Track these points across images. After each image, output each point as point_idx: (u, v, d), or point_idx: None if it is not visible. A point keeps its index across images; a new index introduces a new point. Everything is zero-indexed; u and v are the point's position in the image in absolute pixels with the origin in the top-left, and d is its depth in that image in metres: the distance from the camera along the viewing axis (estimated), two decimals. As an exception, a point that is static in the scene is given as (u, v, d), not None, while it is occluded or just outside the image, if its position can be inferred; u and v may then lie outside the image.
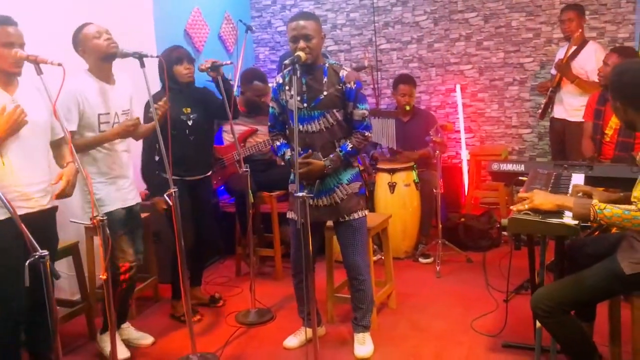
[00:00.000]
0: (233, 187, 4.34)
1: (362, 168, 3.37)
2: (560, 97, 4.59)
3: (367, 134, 2.92)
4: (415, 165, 4.54)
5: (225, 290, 4.05)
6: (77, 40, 2.91)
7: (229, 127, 3.94)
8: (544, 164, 3.43)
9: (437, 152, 4.31)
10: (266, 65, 6.26)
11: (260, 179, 4.13)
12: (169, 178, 2.87)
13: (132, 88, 3.12)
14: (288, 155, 2.98)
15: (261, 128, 4.31)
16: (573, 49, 4.43)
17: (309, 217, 2.63)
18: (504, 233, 4.64)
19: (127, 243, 3.04)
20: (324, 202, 2.96)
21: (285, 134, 3.05)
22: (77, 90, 2.83)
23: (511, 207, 2.38)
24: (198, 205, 3.55)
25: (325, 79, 2.86)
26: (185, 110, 3.43)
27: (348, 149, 2.90)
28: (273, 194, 4.21)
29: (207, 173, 3.64)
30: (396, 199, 4.44)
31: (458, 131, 5.60)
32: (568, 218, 2.22)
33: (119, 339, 3.15)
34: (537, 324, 2.57)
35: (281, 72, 2.96)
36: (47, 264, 1.99)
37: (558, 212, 2.25)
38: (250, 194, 3.57)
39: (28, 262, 1.96)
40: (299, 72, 2.81)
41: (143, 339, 3.32)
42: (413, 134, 4.68)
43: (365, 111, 2.90)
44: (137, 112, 3.16)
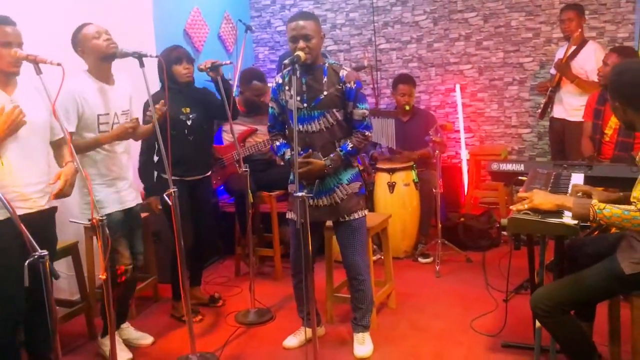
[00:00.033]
0: (232, 187, 4.34)
1: (361, 168, 3.37)
2: (560, 97, 4.59)
3: (367, 133, 2.92)
4: (414, 165, 4.53)
5: (225, 290, 4.05)
6: (76, 40, 2.90)
7: (228, 127, 3.94)
8: (543, 164, 3.43)
9: (437, 151, 4.31)
10: (266, 65, 6.26)
11: (259, 178, 4.13)
12: (169, 178, 2.87)
13: (132, 88, 3.11)
14: (288, 155, 2.97)
15: (260, 128, 4.31)
16: (572, 48, 4.43)
17: (309, 217, 2.63)
18: (504, 233, 4.64)
19: (123, 246, 3.01)
20: (324, 202, 2.96)
21: (285, 134, 3.05)
22: (75, 91, 2.81)
23: (511, 207, 2.38)
24: (197, 206, 3.55)
25: (325, 79, 2.86)
26: (185, 110, 3.43)
27: (348, 148, 2.89)
28: (272, 193, 4.20)
29: (206, 173, 3.63)
30: (396, 199, 4.44)
31: (458, 131, 5.60)
32: (567, 218, 2.22)
33: (120, 341, 3.14)
34: (537, 323, 2.57)
35: (281, 72, 2.96)
36: (47, 264, 1.99)
37: (557, 212, 2.25)
38: (250, 194, 3.56)
39: (27, 262, 1.96)
40: (299, 72, 2.81)
41: (143, 339, 3.32)
42: (413, 133, 4.68)
43: (365, 111, 2.90)
44: (137, 113, 3.15)
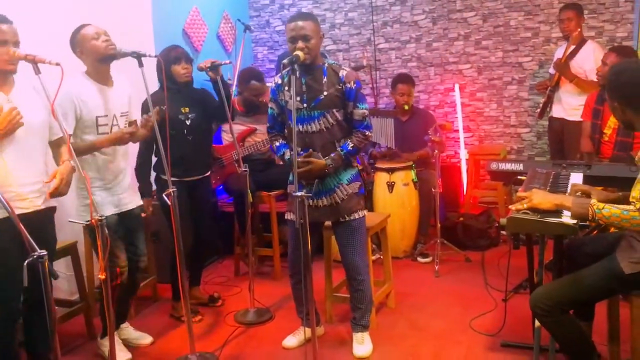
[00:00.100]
0: (232, 187, 4.34)
1: (360, 167, 3.37)
2: (559, 97, 4.59)
3: (367, 133, 2.92)
4: (414, 164, 4.53)
5: (224, 290, 4.04)
6: (75, 41, 2.88)
7: (228, 127, 3.94)
8: (542, 163, 3.43)
9: (436, 151, 4.31)
10: (264, 65, 6.26)
11: (259, 178, 4.13)
12: (168, 179, 2.86)
13: (131, 89, 3.09)
14: (288, 156, 2.97)
15: (260, 127, 4.31)
16: (572, 48, 4.43)
17: (308, 217, 2.62)
18: (503, 232, 4.64)
19: (119, 248, 2.99)
20: (324, 202, 2.96)
21: (285, 134, 3.05)
22: (73, 93, 2.79)
23: (510, 207, 2.37)
24: (197, 206, 3.55)
25: (325, 79, 2.85)
26: (184, 109, 3.42)
27: (349, 148, 2.89)
28: (272, 193, 4.20)
29: (205, 173, 3.63)
30: (395, 199, 4.44)
31: (457, 130, 5.60)
32: (567, 217, 2.22)
33: (119, 342, 3.14)
34: (536, 323, 2.57)
35: (280, 73, 2.96)
36: (46, 264, 1.99)
37: (557, 212, 2.25)
38: (249, 194, 3.56)
39: (26, 262, 1.96)
40: (298, 73, 2.81)
41: (142, 339, 3.32)
42: (412, 133, 4.68)
43: (365, 111, 2.90)
44: (136, 114, 3.14)
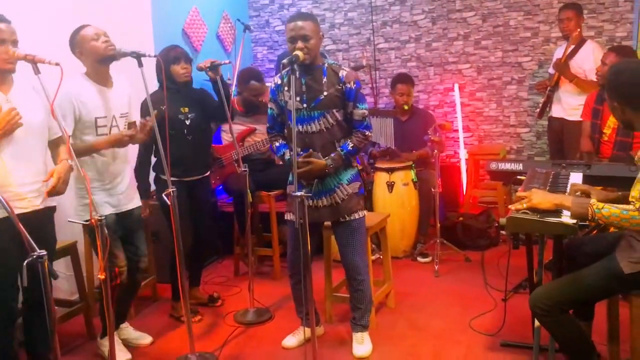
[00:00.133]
0: (231, 187, 4.34)
1: (360, 167, 3.37)
2: (559, 96, 4.59)
3: (367, 133, 2.92)
4: (413, 164, 4.53)
5: (224, 289, 4.04)
6: (74, 42, 2.87)
7: (227, 127, 3.94)
8: (542, 163, 3.43)
9: (436, 151, 4.31)
10: (264, 65, 6.27)
11: (258, 178, 4.13)
12: (168, 179, 2.86)
13: (130, 89, 3.08)
14: (288, 156, 2.97)
15: (259, 127, 4.31)
16: (571, 48, 4.43)
17: (308, 217, 2.62)
18: (502, 232, 4.63)
19: (117, 248, 2.97)
20: (324, 202, 2.96)
21: (285, 134, 3.04)
22: (72, 94, 2.78)
23: (509, 206, 2.38)
24: (197, 206, 3.54)
25: (324, 79, 2.85)
26: (183, 109, 3.41)
27: (349, 148, 2.89)
28: (271, 193, 4.20)
29: (205, 173, 3.62)
30: (394, 198, 4.44)
31: (456, 130, 5.61)
32: (566, 217, 2.22)
33: (119, 342, 3.13)
34: (536, 323, 2.57)
35: (279, 73, 2.95)
36: (45, 264, 1.99)
37: (556, 211, 2.25)
38: (249, 194, 3.56)
39: (26, 262, 1.95)
40: (298, 73, 2.81)
41: (141, 339, 3.32)
42: (411, 133, 4.68)
43: (365, 111, 2.90)
44: (136, 116, 3.13)
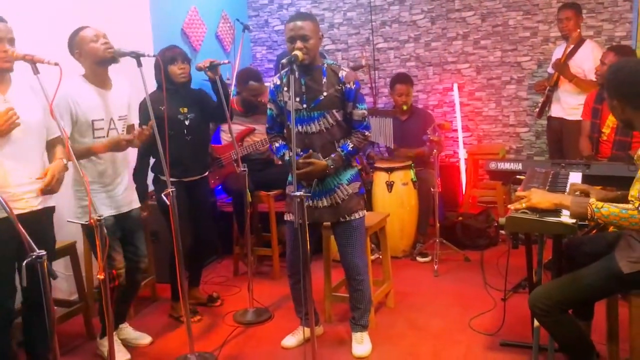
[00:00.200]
0: (231, 187, 4.34)
1: (360, 167, 3.37)
2: (558, 96, 4.59)
3: (367, 133, 2.92)
4: (413, 164, 4.54)
5: (223, 289, 4.04)
6: (73, 43, 2.86)
7: (227, 127, 3.94)
8: (541, 163, 3.43)
9: (435, 151, 4.31)
10: (263, 65, 6.26)
11: (257, 178, 4.13)
12: (167, 179, 2.85)
13: (130, 89, 3.07)
14: (288, 157, 2.96)
15: (258, 127, 4.32)
16: (570, 47, 4.43)
17: (308, 218, 2.62)
18: (502, 232, 4.63)
19: (116, 250, 2.96)
20: (324, 203, 2.96)
21: (284, 135, 3.04)
22: (69, 96, 2.76)
23: (509, 206, 2.38)
24: (196, 206, 3.54)
25: (324, 80, 2.85)
26: (182, 110, 3.41)
27: (349, 148, 2.89)
28: (271, 193, 4.20)
29: (204, 173, 3.62)
30: (394, 198, 4.44)
31: (456, 130, 5.60)
32: (565, 217, 2.22)
33: (118, 342, 3.13)
34: (535, 322, 2.57)
35: (279, 73, 2.95)
36: (45, 264, 1.98)
37: (555, 211, 2.25)
38: (248, 193, 3.56)
39: (25, 262, 1.95)
40: (297, 73, 2.81)
41: (141, 339, 3.32)
42: (411, 132, 4.68)
43: (364, 111, 2.90)
44: (135, 118, 3.13)
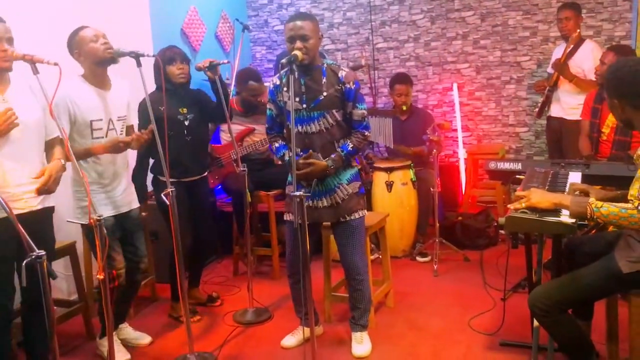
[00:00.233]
0: (230, 187, 4.34)
1: (359, 167, 3.37)
2: (557, 96, 4.59)
3: (366, 133, 2.92)
4: (412, 164, 4.54)
5: (223, 289, 4.04)
6: (72, 43, 2.85)
7: (226, 127, 3.93)
8: (541, 163, 3.43)
9: (435, 150, 4.31)
10: (263, 65, 6.26)
11: (257, 178, 4.13)
12: (167, 179, 2.85)
13: (130, 91, 3.06)
14: (288, 157, 2.96)
15: (258, 127, 4.32)
16: (570, 47, 4.43)
17: (308, 218, 2.62)
18: (501, 231, 4.64)
19: (115, 251, 2.96)
20: (324, 203, 2.96)
21: (284, 135, 3.04)
22: (67, 96, 2.75)
23: (508, 206, 2.37)
24: (196, 206, 3.54)
25: (324, 80, 2.85)
26: (182, 110, 3.41)
27: (349, 148, 2.89)
28: (270, 193, 4.20)
29: (203, 174, 3.62)
30: (393, 198, 4.44)
31: (455, 130, 5.60)
32: (565, 216, 2.22)
33: (118, 342, 3.13)
34: (535, 322, 2.57)
35: (278, 74, 2.95)
36: (44, 264, 1.98)
37: (555, 211, 2.25)
38: (248, 193, 3.56)
39: (25, 262, 1.95)
40: (297, 73, 2.81)
41: (141, 339, 3.32)
42: (410, 132, 4.68)
43: (364, 111, 2.90)
44: (134, 119, 3.12)
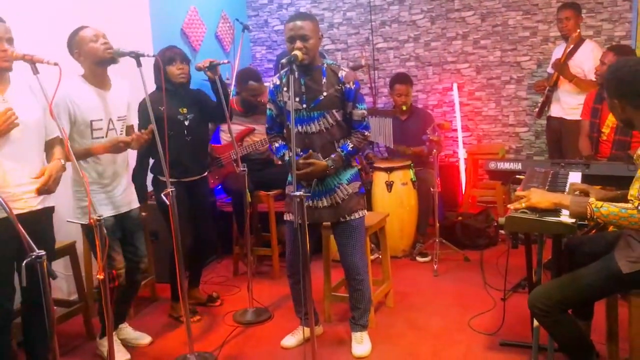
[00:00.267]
0: (230, 187, 4.34)
1: (359, 167, 3.37)
2: (557, 96, 4.59)
3: (366, 133, 2.92)
4: (412, 164, 4.54)
5: (223, 289, 4.04)
6: (72, 43, 2.85)
7: (226, 127, 3.93)
8: (541, 163, 3.43)
9: (435, 150, 4.31)
10: (263, 65, 6.26)
11: (257, 178, 4.13)
12: (167, 179, 2.85)
13: (130, 91, 3.06)
14: (288, 157, 2.95)
15: (258, 127, 4.32)
16: (570, 47, 4.43)
17: (308, 218, 2.62)
18: (501, 231, 4.64)
19: (115, 251, 2.95)
20: (325, 203, 2.96)
21: (284, 135, 3.04)
22: (67, 96, 2.75)
23: (508, 206, 2.37)
24: (196, 206, 3.54)
25: (324, 80, 2.85)
26: (182, 110, 3.41)
27: (349, 148, 2.89)
28: (270, 193, 4.20)
29: (203, 174, 3.62)
30: (393, 198, 4.44)
31: (455, 130, 5.60)
32: (565, 216, 2.22)
33: (118, 342, 3.13)
34: (535, 322, 2.57)
35: (278, 74, 2.95)
36: (44, 264, 1.98)
37: (555, 211, 2.25)
38: (248, 193, 3.56)
39: (25, 262, 1.95)
40: (297, 73, 2.81)
41: (141, 339, 3.32)
42: (410, 132, 4.68)
43: (364, 111, 2.90)
44: (134, 119, 3.12)
